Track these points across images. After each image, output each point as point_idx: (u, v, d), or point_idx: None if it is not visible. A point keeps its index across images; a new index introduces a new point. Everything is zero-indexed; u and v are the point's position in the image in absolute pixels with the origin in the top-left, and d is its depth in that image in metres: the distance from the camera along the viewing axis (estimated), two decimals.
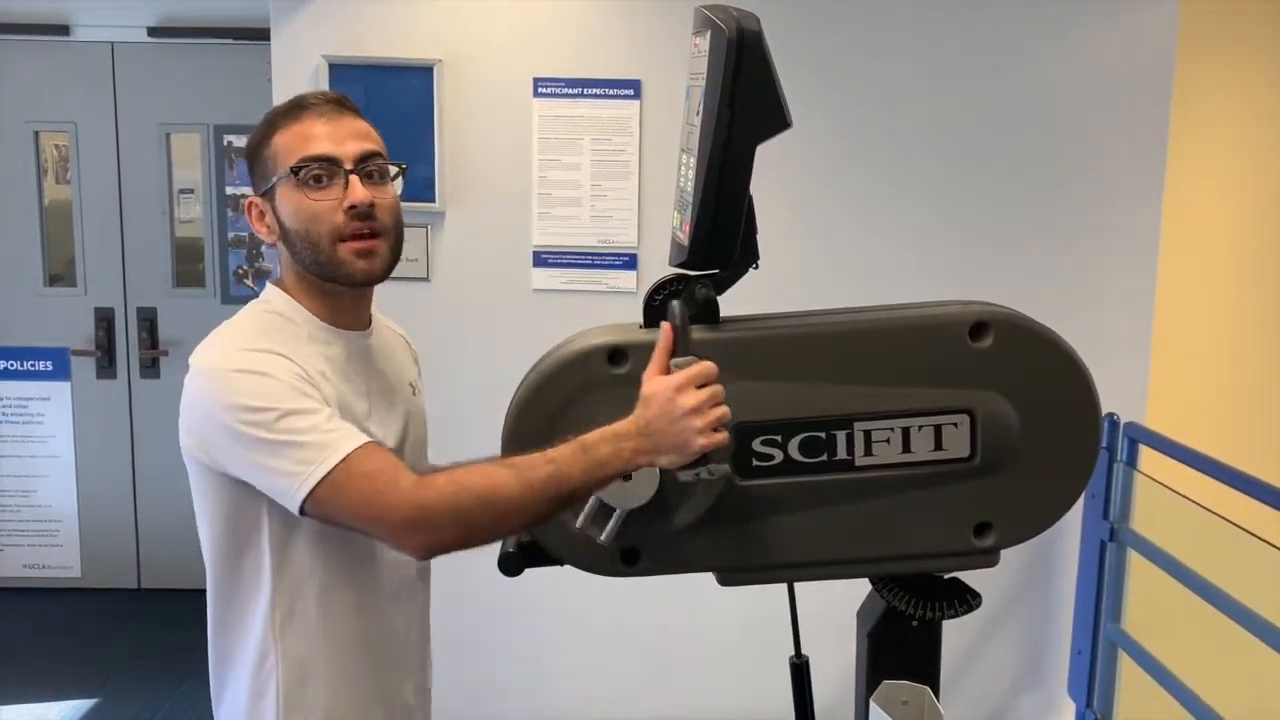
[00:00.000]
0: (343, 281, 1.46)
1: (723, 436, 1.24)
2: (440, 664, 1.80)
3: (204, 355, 1.40)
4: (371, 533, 1.38)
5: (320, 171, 1.42)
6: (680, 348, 1.25)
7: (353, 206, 1.41)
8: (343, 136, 1.44)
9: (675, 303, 1.26)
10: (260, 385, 1.34)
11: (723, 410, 1.24)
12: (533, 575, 1.43)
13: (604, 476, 1.28)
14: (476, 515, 1.30)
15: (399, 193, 1.51)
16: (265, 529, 1.42)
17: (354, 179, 1.42)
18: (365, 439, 1.35)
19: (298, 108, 1.45)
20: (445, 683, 1.91)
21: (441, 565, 1.49)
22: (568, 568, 1.39)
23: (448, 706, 1.98)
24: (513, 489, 1.28)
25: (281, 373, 1.36)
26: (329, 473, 1.31)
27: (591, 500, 1.27)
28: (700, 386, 1.24)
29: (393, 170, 1.49)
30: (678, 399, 1.23)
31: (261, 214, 1.48)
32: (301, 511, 1.34)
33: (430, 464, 1.48)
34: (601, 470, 1.27)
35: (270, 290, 1.51)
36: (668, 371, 1.26)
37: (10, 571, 4.38)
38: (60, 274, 4.37)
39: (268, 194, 1.46)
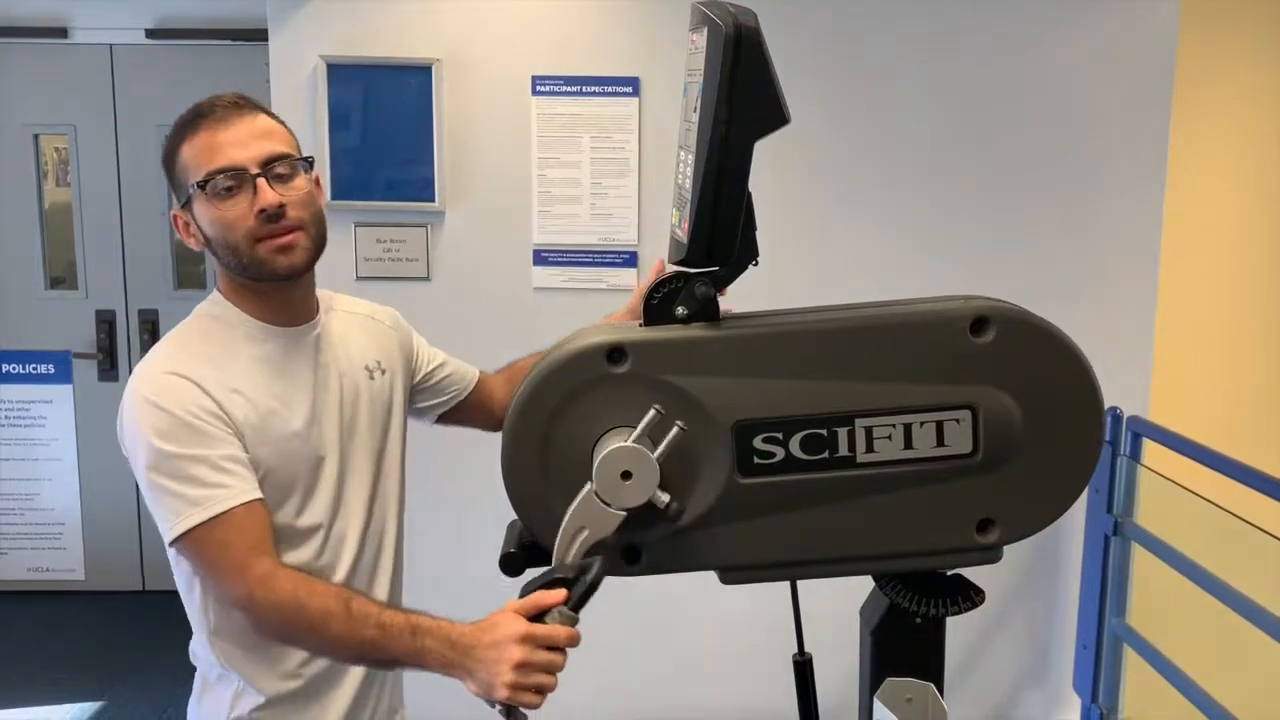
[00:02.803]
0: (268, 279, 1.49)
1: (530, 701, 1.26)
2: None
3: (139, 369, 1.47)
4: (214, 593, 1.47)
5: (229, 182, 1.45)
6: (576, 600, 1.25)
7: (262, 210, 1.44)
8: (245, 140, 1.46)
9: (597, 559, 1.24)
10: (160, 421, 1.41)
11: (546, 681, 1.25)
12: (525, 574, 1.43)
13: (421, 665, 1.34)
14: (301, 635, 1.40)
15: (316, 182, 1.53)
16: None
17: (261, 183, 1.45)
18: (240, 500, 1.41)
19: (198, 116, 1.48)
20: (441, 681, 1.91)
21: (439, 565, 1.49)
22: None
23: (446, 706, 1.98)
24: (340, 634, 1.36)
25: (183, 406, 1.41)
26: (190, 529, 1.39)
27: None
28: (549, 648, 1.25)
29: (302, 163, 1.50)
30: (512, 648, 1.24)
31: (186, 224, 1.51)
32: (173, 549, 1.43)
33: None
34: (419, 659, 1.33)
35: (212, 294, 1.56)
36: (538, 615, 1.27)
37: (14, 575, 4.38)
38: (61, 277, 4.37)
39: (187, 206, 1.49)
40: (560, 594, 1.27)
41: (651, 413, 1.22)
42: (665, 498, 1.23)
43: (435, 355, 1.80)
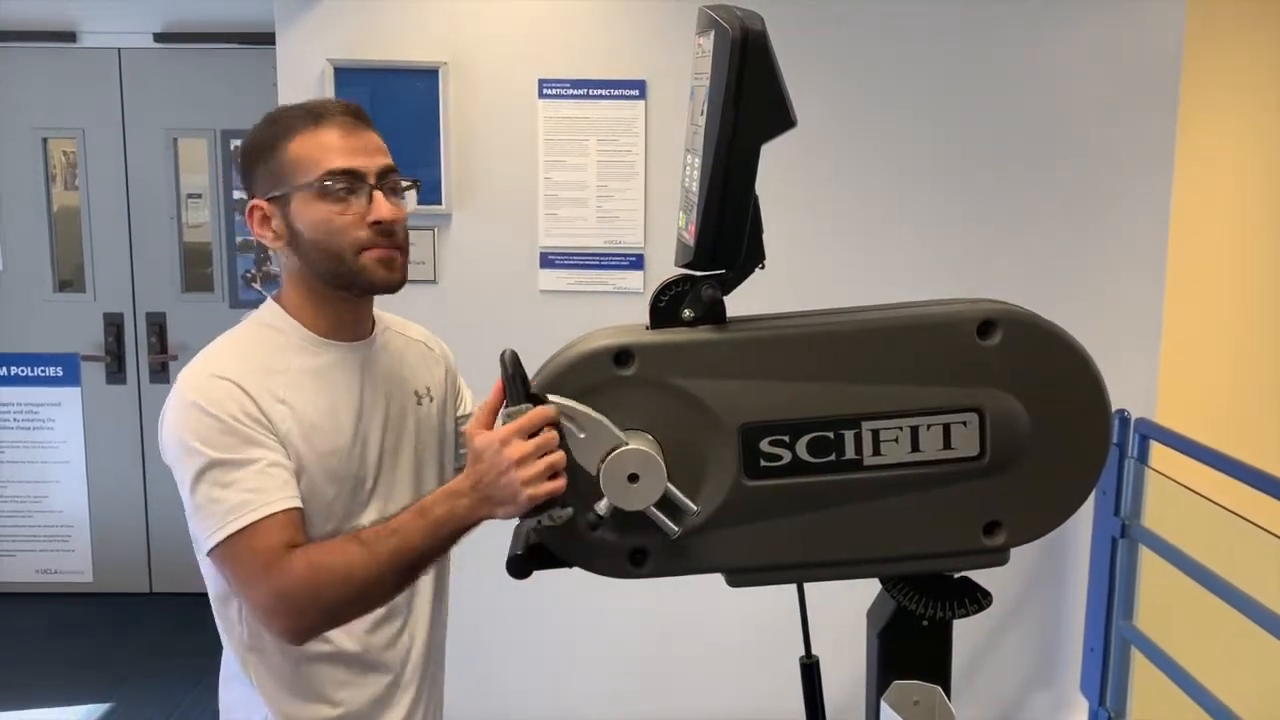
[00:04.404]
0: (363, 290, 1.48)
1: (553, 486, 1.24)
2: None
3: (186, 371, 1.45)
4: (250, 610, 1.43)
5: (346, 185, 1.43)
6: (511, 396, 1.25)
7: (378, 222, 1.44)
8: (368, 149, 1.46)
9: (506, 351, 1.26)
10: (204, 426, 1.38)
11: (552, 459, 1.23)
12: (533, 575, 1.43)
13: (446, 536, 1.32)
14: (337, 597, 1.34)
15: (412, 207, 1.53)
16: None
17: (378, 195, 1.44)
18: (278, 507, 1.37)
19: (317, 116, 1.45)
20: (444, 682, 1.91)
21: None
22: (575, 569, 1.38)
23: (447, 706, 1.98)
24: (366, 565, 1.32)
25: (228, 411, 1.39)
26: (223, 540, 1.36)
27: (651, 510, 1.26)
28: (532, 435, 1.23)
29: (406, 185, 1.51)
30: (503, 452, 1.23)
31: (267, 218, 1.47)
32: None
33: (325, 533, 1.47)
34: (441, 530, 1.31)
35: (266, 303, 1.53)
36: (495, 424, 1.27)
37: (23, 576, 4.40)
38: (69, 280, 4.38)
39: (278, 200, 1.45)
40: (498, 392, 1.27)
41: (694, 513, 1.25)
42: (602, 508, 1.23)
43: (474, 403, 1.76)
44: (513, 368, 1.25)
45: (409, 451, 1.58)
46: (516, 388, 1.25)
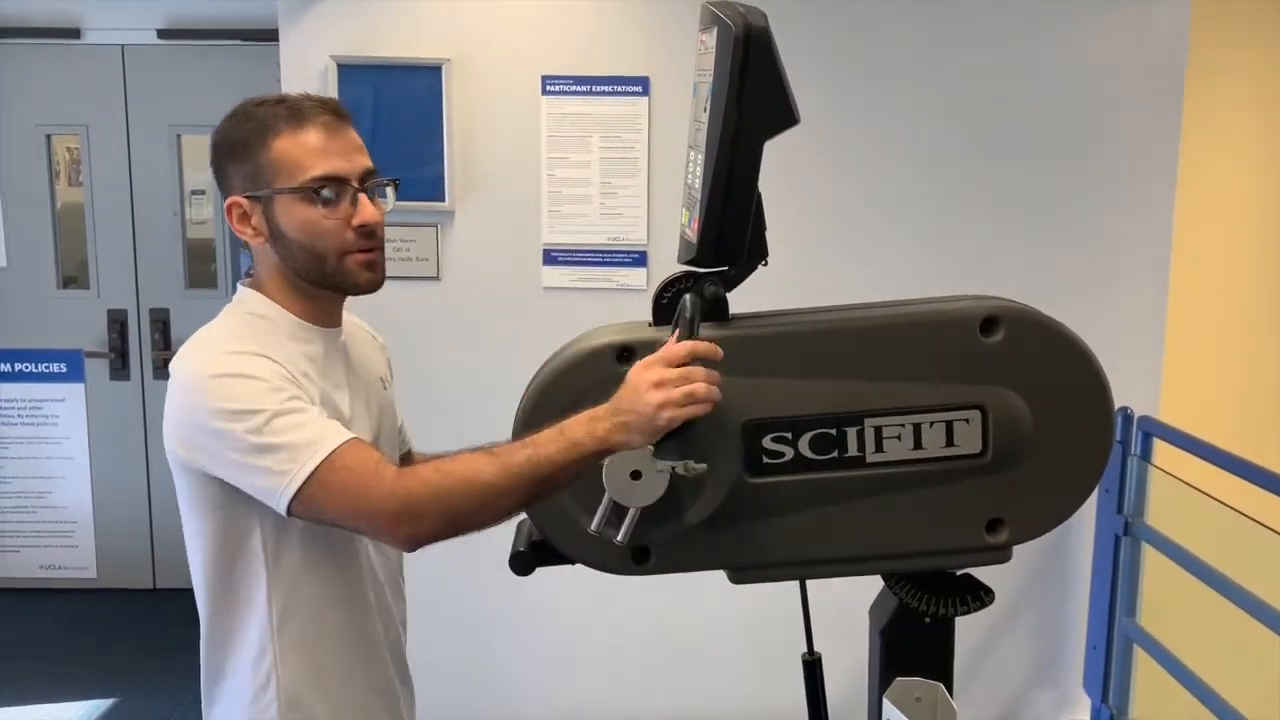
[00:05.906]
0: (347, 291, 1.49)
1: (690, 410, 1.22)
2: (441, 663, 1.80)
3: (186, 361, 1.41)
4: (358, 528, 1.39)
5: (332, 190, 1.43)
6: (684, 335, 1.25)
7: (363, 225, 1.44)
8: (349, 152, 1.45)
9: (687, 297, 1.26)
10: (246, 388, 1.35)
11: (692, 388, 1.22)
12: (534, 573, 1.43)
13: (580, 456, 1.28)
14: (462, 501, 1.31)
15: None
16: (258, 532, 1.43)
17: (363, 198, 1.45)
18: (350, 434, 1.37)
19: (299, 116, 1.45)
20: (445, 682, 1.92)
21: (442, 564, 1.49)
22: (578, 566, 1.38)
23: (448, 706, 1.98)
24: (494, 473, 1.29)
25: (266, 373, 1.37)
26: (314, 471, 1.32)
27: (605, 501, 1.26)
28: (678, 366, 1.23)
29: (385, 183, 1.51)
30: (644, 375, 1.24)
31: (246, 215, 1.47)
32: (289, 512, 1.34)
33: (419, 454, 1.52)
34: (577, 450, 1.27)
35: (245, 293, 1.52)
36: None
37: (27, 572, 4.40)
38: (73, 276, 4.39)
39: (258, 198, 1.45)
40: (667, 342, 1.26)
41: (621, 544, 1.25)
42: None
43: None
44: (693, 310, 1.25)
45: (386, 433, 1.62)
46: (694, 329, 1.25)
